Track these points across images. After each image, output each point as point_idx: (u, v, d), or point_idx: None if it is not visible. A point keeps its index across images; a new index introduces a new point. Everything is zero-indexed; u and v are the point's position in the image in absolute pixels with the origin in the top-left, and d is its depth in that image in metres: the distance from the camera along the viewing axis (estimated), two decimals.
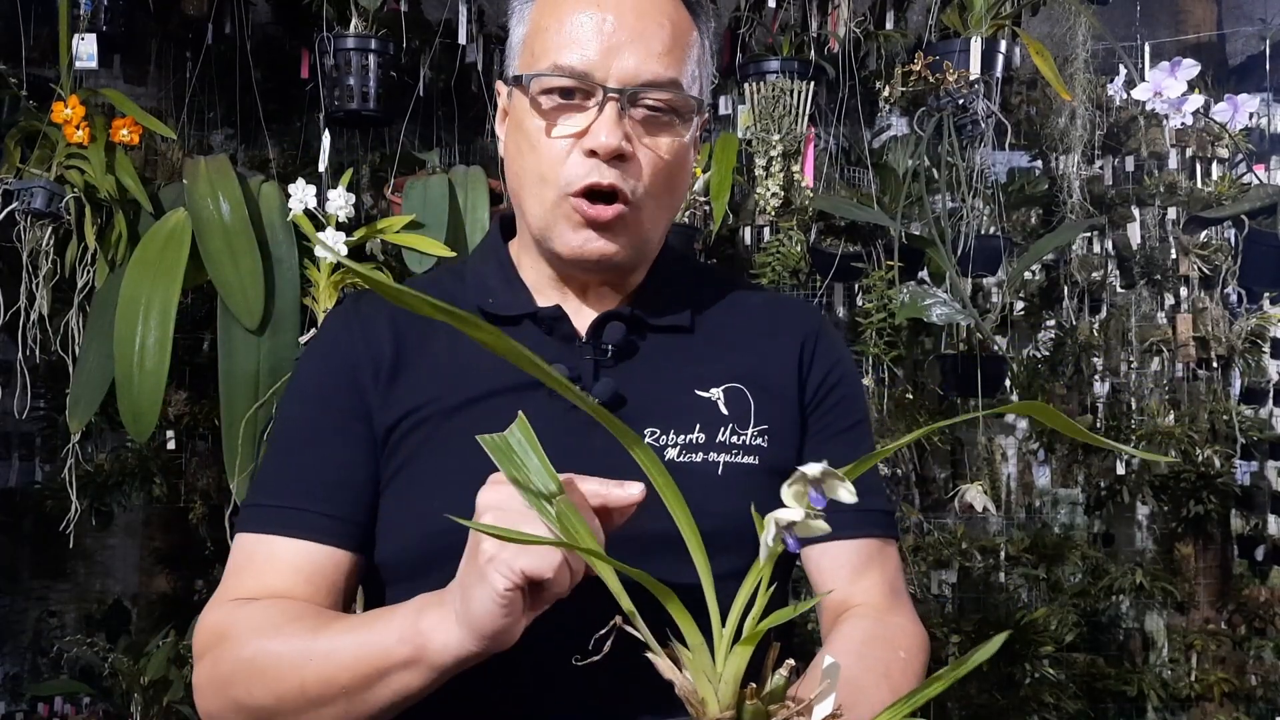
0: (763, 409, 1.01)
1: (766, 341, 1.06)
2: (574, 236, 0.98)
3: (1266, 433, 3.67)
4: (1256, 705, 3.40)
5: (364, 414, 1.00)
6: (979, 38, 2.33)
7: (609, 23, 0.95)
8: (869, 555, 1.03)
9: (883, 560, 1.03)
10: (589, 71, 0.95)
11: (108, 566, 3.72)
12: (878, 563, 1.03)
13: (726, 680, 0.70)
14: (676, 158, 0.99)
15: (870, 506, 1.00)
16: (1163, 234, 3.37)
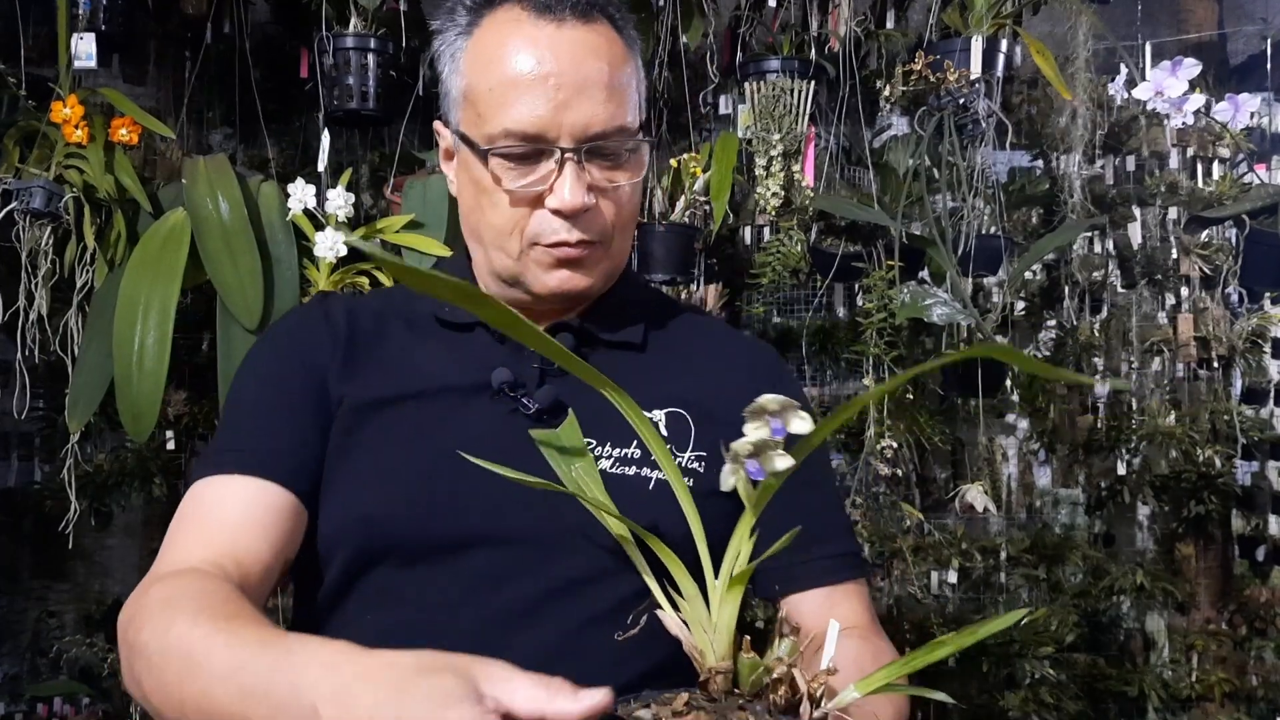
0: (704, 436, 1.02)
1: (718, 373, 1.07)
2: (549, 277, 1.01)
3: (1267, 433, 3.67)
4: (1257, 706, 3.39)
5: (317, 397, 1.01)
6: (980, 37, 2.32)
7: (551, 79, 0.96)
8: (845, 596, 1.06)
9: (859, 598, 1.07)
10: (542, 132, 0.96)
11: (107, 567, 3.72)
12: (855, 600, 1.07)
13: (721, 630, 0.72)
14: (633, 189, 1.02)
15: (843, 550, 1.08)
16: (1164, 234, 3.36)
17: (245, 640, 0.78)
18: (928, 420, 3.01)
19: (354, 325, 1.07)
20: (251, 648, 0.76)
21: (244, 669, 0.75)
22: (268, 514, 0.96)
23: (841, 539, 1.09)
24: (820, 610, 1.05)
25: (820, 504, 1.08)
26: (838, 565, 1.06)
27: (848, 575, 1.07)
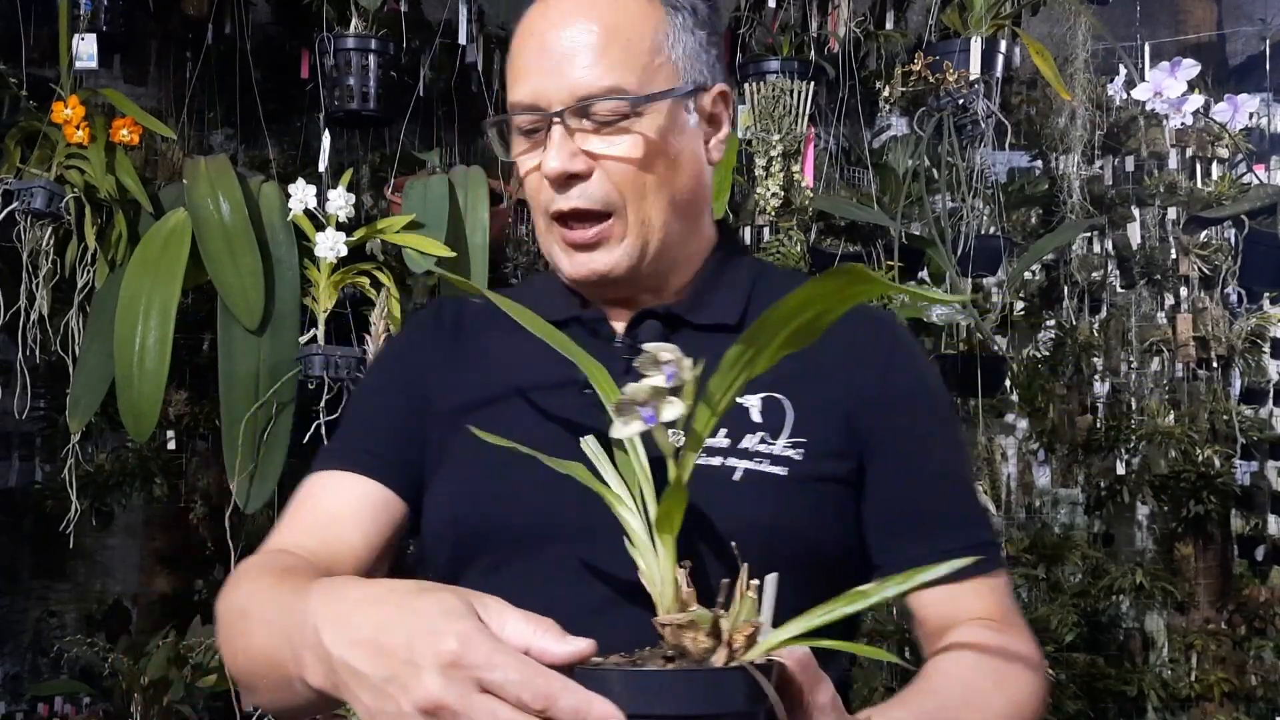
0: (802, 423, 0.94)
1: (829, 352, 0.91)
2: (567, 262, 0.99)
3: (1266, 433, 3.67)
4: (1257, 705, 3.39)
5: (419, 399, 1.04)
6: (979, 38, 2.33)
7: (546, 47, 0.95)
8: (974, 593, 0.95)
9: (991, 595, 0.96)
10: (535, 102, 0.95)
11: (108, 566, 3.72)
12: (988, 597, 0.96)
13: (665, 580, 0.71)
14: (647, 153, 0.95)
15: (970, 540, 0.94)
16: (1163, 234, 3.36)
17: (285, 590, 0.82)
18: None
19: (460, 326, 1.09)
20: (287, 595, 0.80)
21: (277, 612, 0.80)
22: (362, 507, 0.99)
23: (969, 528, 0.97)
24: (946, 609, 0.94)
25: (944, 489, 0.98)
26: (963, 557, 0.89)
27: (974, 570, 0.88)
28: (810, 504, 0.93)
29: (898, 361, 1.00)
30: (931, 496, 0.96)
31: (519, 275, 2.91)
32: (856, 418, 0.96)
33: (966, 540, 0.94)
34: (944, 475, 0.98)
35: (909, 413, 0.98)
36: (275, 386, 1.97)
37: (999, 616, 0.95)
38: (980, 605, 0.95)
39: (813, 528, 0.93)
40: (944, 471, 0.98)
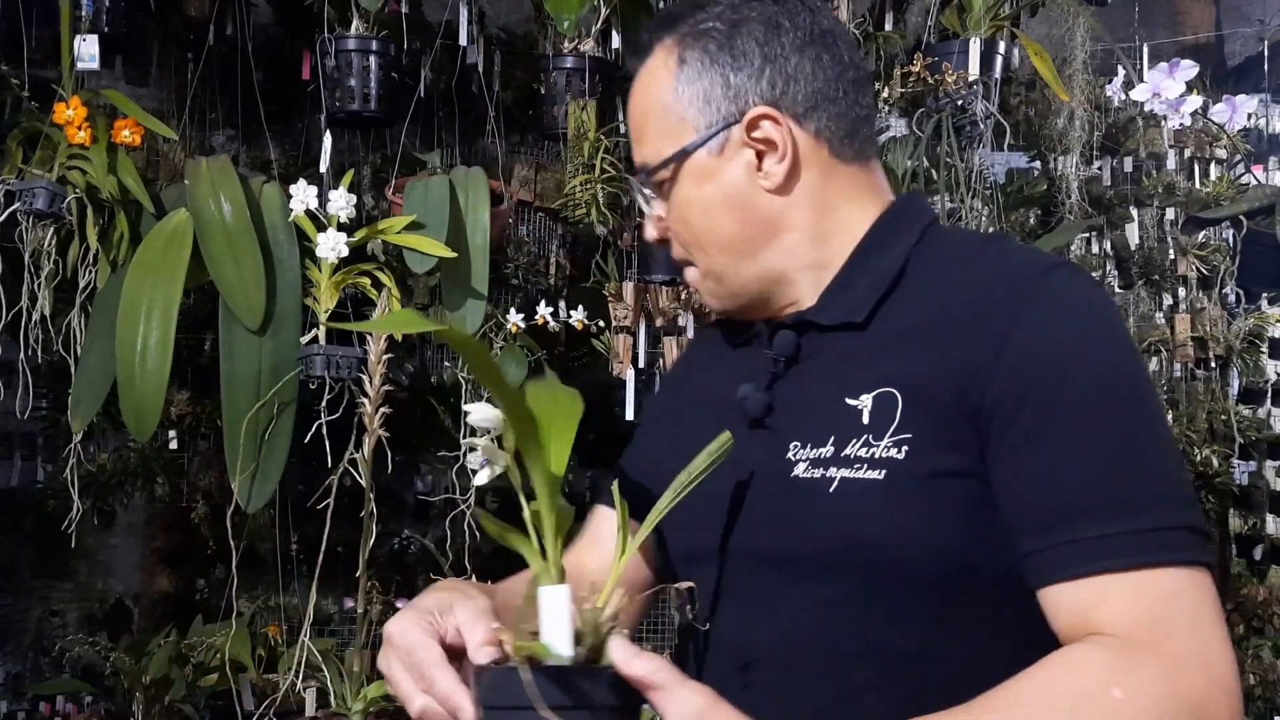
0: (911, 415, 0.85)
1: (956, 332, 0.86)
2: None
3: (1265, 433, 3.68)
4: (1255, 704, 3.40)
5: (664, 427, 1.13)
6: (978, 39, 2.34)
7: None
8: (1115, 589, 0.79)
9: (1135, 594, 0.78)
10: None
11: (110, 566, 3.73)
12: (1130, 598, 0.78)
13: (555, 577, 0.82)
14: (687, 211, 0.99)
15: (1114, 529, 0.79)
16: (1161, 234, 3.37)
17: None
18: None
19: (692, 352, 1.22)
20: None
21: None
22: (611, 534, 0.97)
23: (1113, 516, 0.78)
24: (1077, 612, 0.79)
25: (1077, 472, 0.80)
26: (1099, 548, 0.78)
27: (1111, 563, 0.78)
28: (919, 508, 0.83)
29: (1025, 322, 0.84)
30: (1058, 484, 0.80)
31: (520, 276, 2.92)
32: (970, 397, 0.83)
33: (1109, 526, 0.78)
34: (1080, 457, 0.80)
35: (1031, 382, 0.82)
36: (277, 386, 1.98)
37: (1143, 627, 0.76)
38: (1124, 611, 0.77)
39: (924, 535, 0.83)
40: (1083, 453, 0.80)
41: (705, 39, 0.96)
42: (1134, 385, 0.83)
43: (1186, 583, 0.78)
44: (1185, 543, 0.79)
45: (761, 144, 0.95)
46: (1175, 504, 0.80)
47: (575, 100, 2.23)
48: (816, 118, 0.95)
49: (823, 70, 0.95)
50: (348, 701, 2.14)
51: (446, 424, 2.91)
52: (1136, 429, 0.81)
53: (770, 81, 0.94)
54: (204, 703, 2.51)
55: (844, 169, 0.97)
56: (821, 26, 0.96)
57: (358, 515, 2.11)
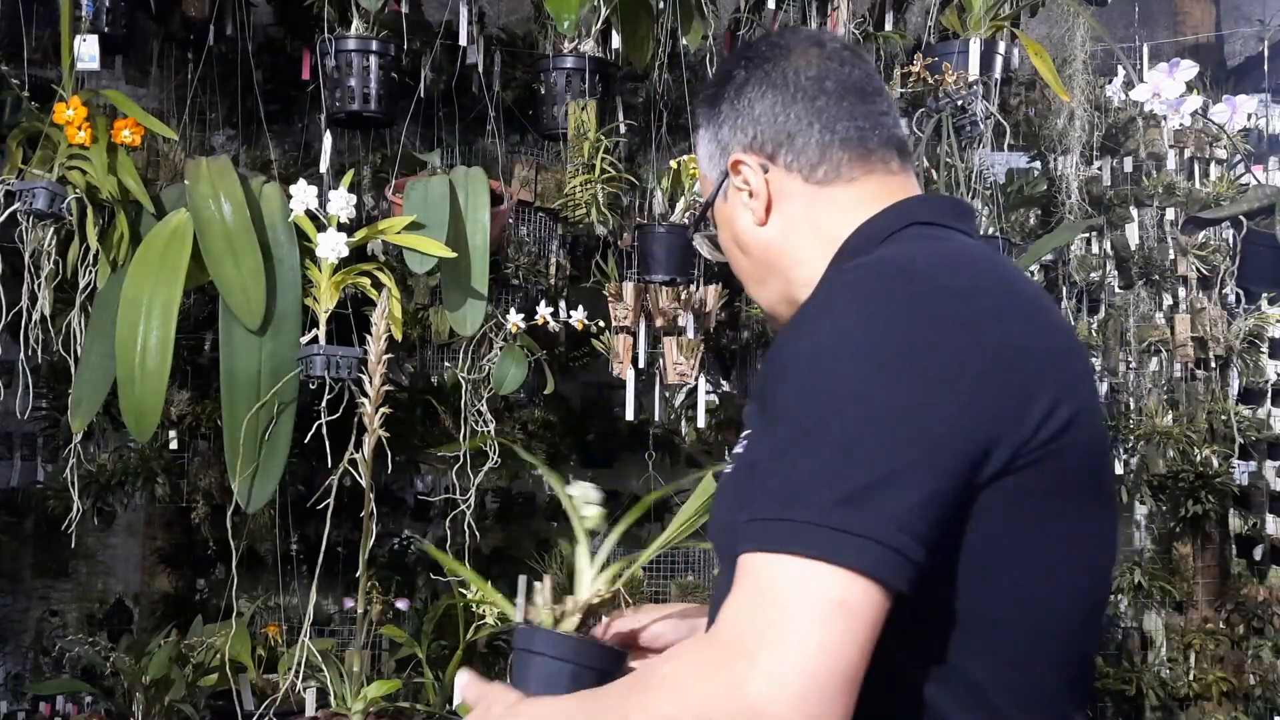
0: (753, 415, 0.95)
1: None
2: None
3: (1264, 433, 3.68)
4: (1255, 704, 3.40)
5: None
6: (978, 39, 2.34)
7: None
8: (740, 570, 0.82)
9: (740, 579, 0.81)
10: None
11: (110, 566, 3.73)
12: (745, 582, 0.81)
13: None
14: (727, 249, 1.14)
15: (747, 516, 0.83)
16: (1161, 234, 3.37)
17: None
18: None
19: None
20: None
21: None
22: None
23: (762, 504, 0.82)
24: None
25: (764, 463, 0.86)
26: (744, 531, 0.83)
27: (744, 545, 0.82)
28: (735, 497, 0.93)
29: (789, 327, 0.92)
30: (757, 468, 0.86)
31: (520, 276, 2.92)
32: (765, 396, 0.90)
33: (756, 512, 0.82)
34: (767, 448, 0.86)
35: (768, 386, 0.89)
36: (277, 386, 1.98)
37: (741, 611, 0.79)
38: (736, 594, 0.81)
39: (728, 521, 0.90)
40: (768, 444, 0.86)
41: (703, 106, 1.12)
42: (840, 384, 0.82)
43: (798, 575, 0.77)
44: (803, 539, 0.78)
45: (745, 185, 1.06)
46: (821, 502, 0.78)
47: (575, 100, 2.23)
48: (784, 153, 1.04)
49: (783, 110, 1.04)
50: (348, 701, 2.14)
51: (447, 424, 2.91)
52: (820, 428, 0.81)
53: (742, 130, 1.06)
54: (204, 703, 2.51)
55: (825, 191, 1.04)
56: (786, 72, 1.05)
57: (358, 515, 2.11)
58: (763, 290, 1.10)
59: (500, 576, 3.40)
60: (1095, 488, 0.92)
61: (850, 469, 0.79)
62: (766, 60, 1.06)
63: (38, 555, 3.62)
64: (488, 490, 3.29)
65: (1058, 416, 0.86)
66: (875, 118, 1.05)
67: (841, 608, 0.76)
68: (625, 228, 2.62)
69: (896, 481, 0.79)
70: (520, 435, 3.11)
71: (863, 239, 1.00)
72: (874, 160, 1.04)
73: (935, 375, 0.82)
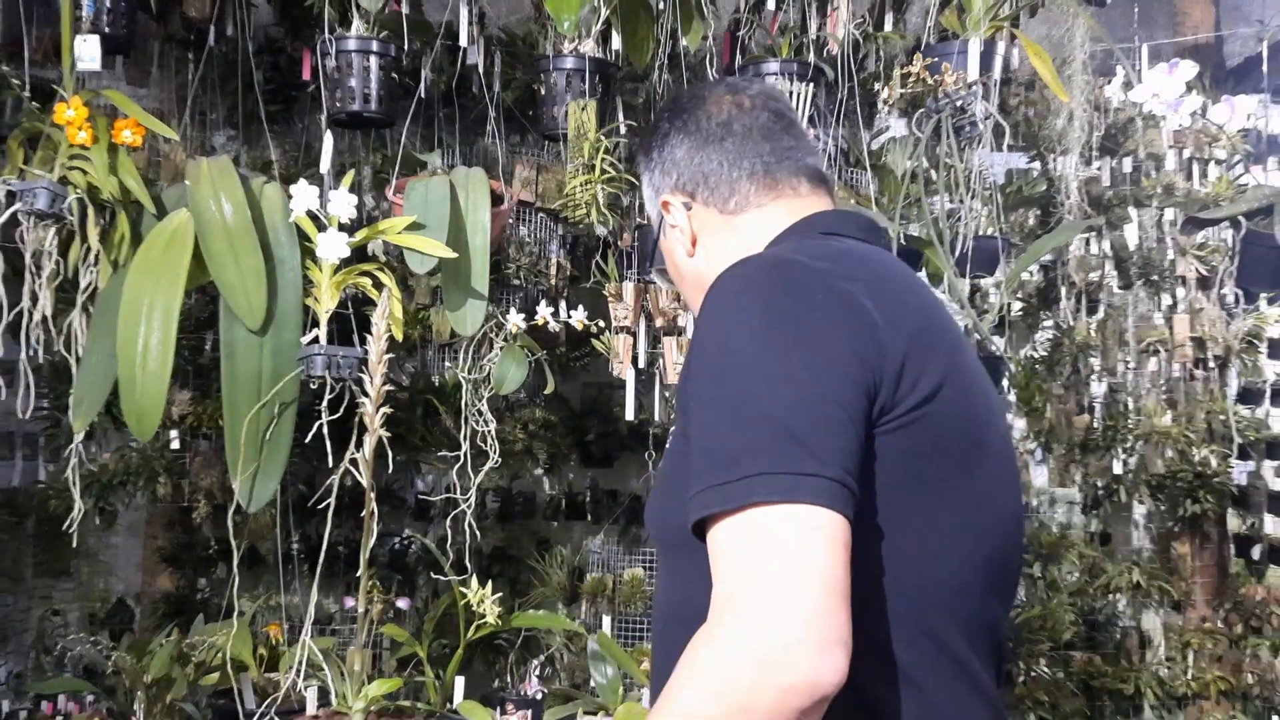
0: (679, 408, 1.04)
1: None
2: None
3: (1263, 433, 3.69)
4: (1253, 703, 3.41)
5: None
6: (977, 39, 2.34)
7: None
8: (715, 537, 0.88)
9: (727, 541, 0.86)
10: None
11: (111, 565, 3.73)
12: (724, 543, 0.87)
13: None
14: (676, 280, 1.28)
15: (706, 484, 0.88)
16: (1160, 235, 3.38)
17: None
18: None
19: None
20: None
21: None
22: None
23: (710, 472, 0.88)
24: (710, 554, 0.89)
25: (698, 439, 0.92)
26: (699, 500, 0.88)
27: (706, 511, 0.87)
28: (666, 486, 1.04)
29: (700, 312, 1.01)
30: (695, 445, 0.91)
31: (521, 276, 2.92)
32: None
33: (706, 480, 0.88)
34: (699, 422, 0.92)
35: (687, 366, 0.97)
36: (278, 386, 1.98)
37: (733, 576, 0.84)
38: (722, 558, 0.86)
39: (665, 509, 1.03)
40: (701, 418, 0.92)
41: (641, 154, 1.28)
42: (739, 359, 0.91)
43: (769, 521, 0.83)
44: (756, 490, 0.85)
45: (674, 222, 1.22)
46: (764, 457, 0.85)
47: (575, 100, 2.23)
48: (701, 190, 1.19)
49: (696, 153, 1.19)
50: (349, 700, 2.14)
51: (447, 424, 2.91)
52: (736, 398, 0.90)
53: (666, 174, 1.22)
54: (205, 702, 2.52)
55: (738, 220, 1.18)
56: (700, 120, 1.20)
57: (359, 515, 2.11)
58: (686, 292, 1.26)
59: (500, 576, 3.41)
60: (978, 452, 1.00)
61: (778, 423, 0.87)
62: (685, 111, 1.22)
63: (39, 555, 3.63)
64: (488, 490, 3.30)
65: (923, 385, 0.94)
66: (781, 152, 1.18)
67: (814, 534, 0.83)
68: (625, 228, 2.63)
69: (820, 427, 0.87)
70: (521, 435, 3.12)
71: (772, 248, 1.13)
72: (782, 187, 1.17)
73: (820, 336, 0.92)
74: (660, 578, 1.10)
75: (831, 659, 0.80)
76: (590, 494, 3.57)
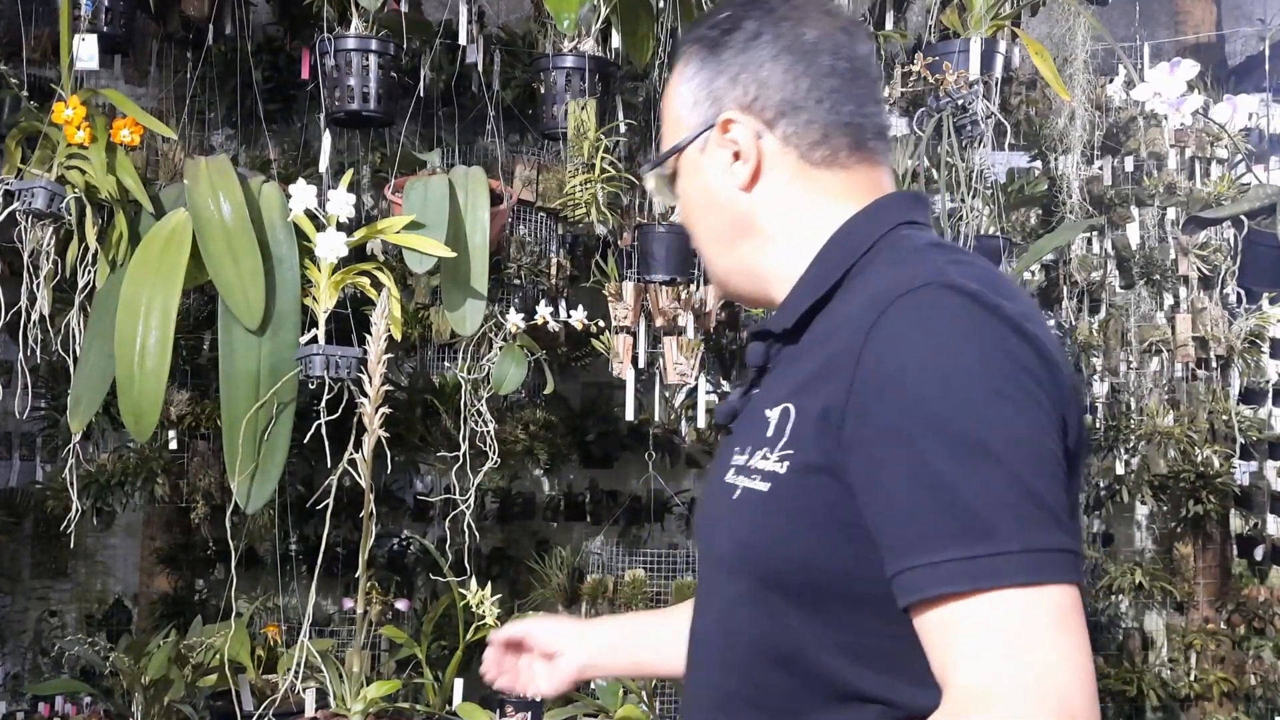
0: (800, 430, 0.89)
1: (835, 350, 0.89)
2: None
3: (1265, 433, 3.68)
4: (1255, 705, 3.40)
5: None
6: (978, 38, 2.33)
7: None
8: (923, 628, 0.81)
9: (934, 630, 0.80)
10: None
11: (109, 566, 3.73)
12: (932, 632, 0.81)
13: None
14: (684, 204, 1.07)
15: (903, 565, 0.81)
16: (1162, 234, 3.37)
17: None
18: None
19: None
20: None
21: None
22: None
23: (906, 551, 0.81)
24: (933, 639, 0.81)
25: (911, 500, 0.82)
26: (930, 576, 0.80)
27: (940, 590, 0.79)
28: (791, 520, 0.89)
29: (872, 344, 0.85)
30: (900, 506, 0.82)
31: (521, 276, 2.92)
32: (833, 417, 0.86)
33: (939, 554, 0.79)
34: (913, 479, 0.81)
35: (871, 407, 0.84)
36: (276, 386, 1.98)
37: (986, 670, 0.77)
38: (969, 646, 0.79)
39: (791, 545, 0.89)
40: (914, 475, 0.81)
41: (700, 46, 1.03)
42: (970, 407, 0.81)
43: (1019, 609, 0.78)
44: (1019, 568, 0.78)
45: (732, 144, 1.01)
46: (1010, 531, 0.79)
47: (575, 99, 2.23)
48: (784, 124, 0.99)
49: (794, 79, 0.99)
50: (347, 702, 2.13)
51: (446, 424, 2.90)
52: (965, 454, 0.80)
53: (744, 88, 1.00)
54: (203, 703, 2.51)
55: (817, 173, 1.00)
56: (804, 38, 1.00)
57: (357, 516, 2.11)
58: (724, 255, 1.05)
59: (499, 577, 3.40)
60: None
61: (1018, 490, 0.80)
62: (783, 19, 1.00)
63: (37, 555, 3.62)
64: (487, 490, 3.29)
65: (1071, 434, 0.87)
66: (874, 105, 1.02)
67: (1067, 617, 0.78)
68: (625, 227, 2.62)
69: (1051, 496, 0.81)
70: (520, 435, 3.11)
71: (856, 239, 0.98)
72: (866, 150, 1.01)
73: (1030, 392, 0.83)
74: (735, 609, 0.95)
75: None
76: (590, 495, 3.57)
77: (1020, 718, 0.75)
